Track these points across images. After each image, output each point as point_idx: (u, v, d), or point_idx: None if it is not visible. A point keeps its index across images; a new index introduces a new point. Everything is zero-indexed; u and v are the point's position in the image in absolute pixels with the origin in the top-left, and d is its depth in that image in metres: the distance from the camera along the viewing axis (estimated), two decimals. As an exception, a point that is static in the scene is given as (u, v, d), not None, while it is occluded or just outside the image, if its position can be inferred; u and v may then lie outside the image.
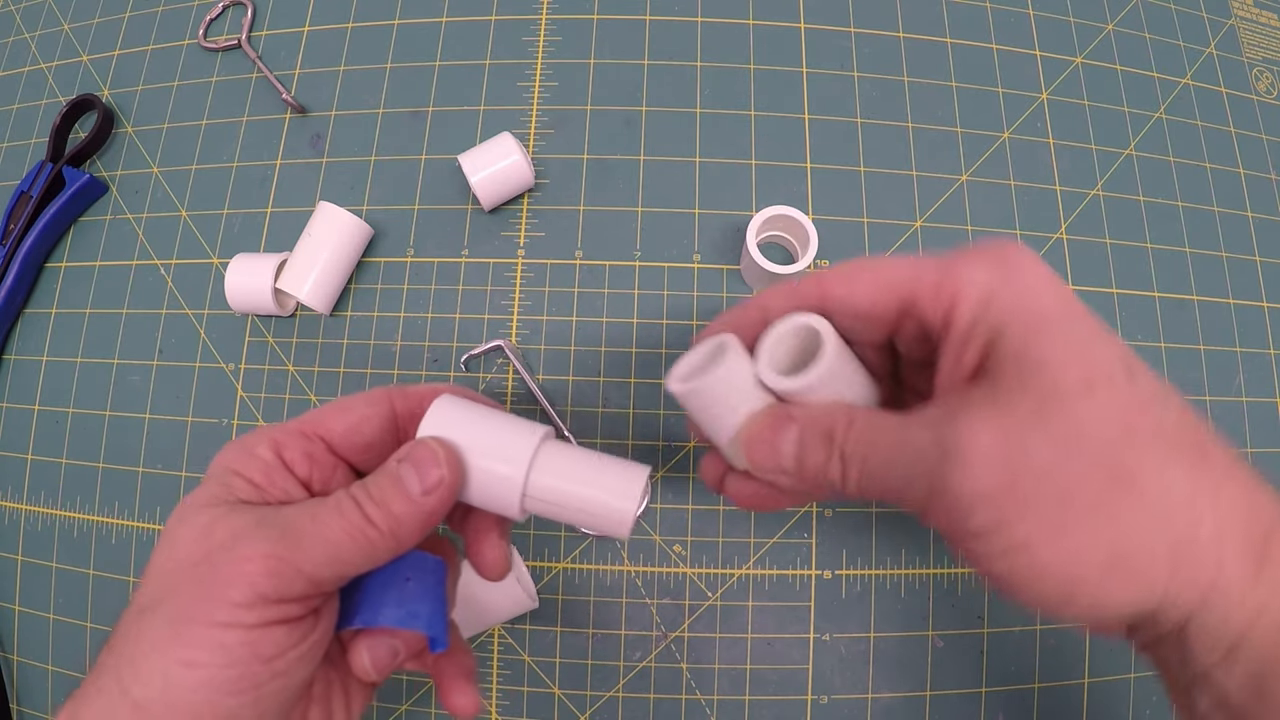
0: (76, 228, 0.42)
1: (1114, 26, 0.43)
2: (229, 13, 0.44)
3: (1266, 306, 0.40)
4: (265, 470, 0.22)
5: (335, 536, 0.20)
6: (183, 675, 0.19)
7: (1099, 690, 0.35)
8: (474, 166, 0.37)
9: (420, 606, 0.22)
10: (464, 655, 0.25)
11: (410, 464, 0.21)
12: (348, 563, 0.20)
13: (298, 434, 0.23)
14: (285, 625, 0.19)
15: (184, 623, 0.19)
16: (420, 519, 0.21)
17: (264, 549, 0.19)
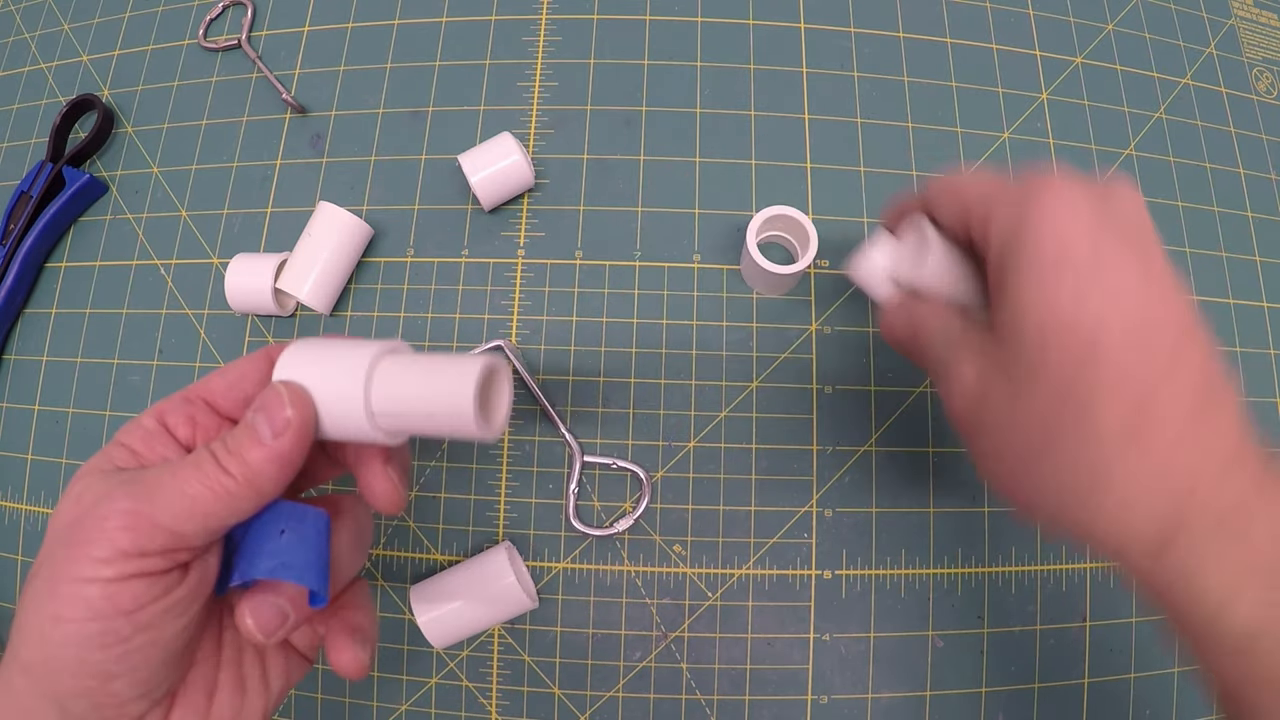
0: (76, 228, 0.42)
1: (1114, 26, 0.43)
2: (229, 13, 0.44)
3: (1266, 306, 0.40)
4: (145, 437, 0.23)
5: (193, 489, 0.20)
6: (53, 631, 0.19)
7: (1099, 690, 0.35)
8: (474, 166, 0.37)
9: (294, 557, 0.21)
10: (353, 612, 0.25)
11: (260, 411, 0.21)
12: (209, 514, 0.20)
13: (180, 400, 0.23)
14: (146, 579, 0.20)
15: (53, 581, 0.20)
16: (275, 464, 0.21)
17: (123, 505, 0.20)
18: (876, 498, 0.36)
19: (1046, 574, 0.36)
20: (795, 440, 0.36)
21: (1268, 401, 0.39)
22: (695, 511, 0.36)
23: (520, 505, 0.36)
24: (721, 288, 0.38)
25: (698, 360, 0.37)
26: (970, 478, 0.36)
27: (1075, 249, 0.21)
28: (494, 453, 0.37)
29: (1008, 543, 0.36)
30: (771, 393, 0.37)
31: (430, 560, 0.36)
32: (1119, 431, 0.20)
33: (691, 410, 0.37)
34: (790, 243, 0.37)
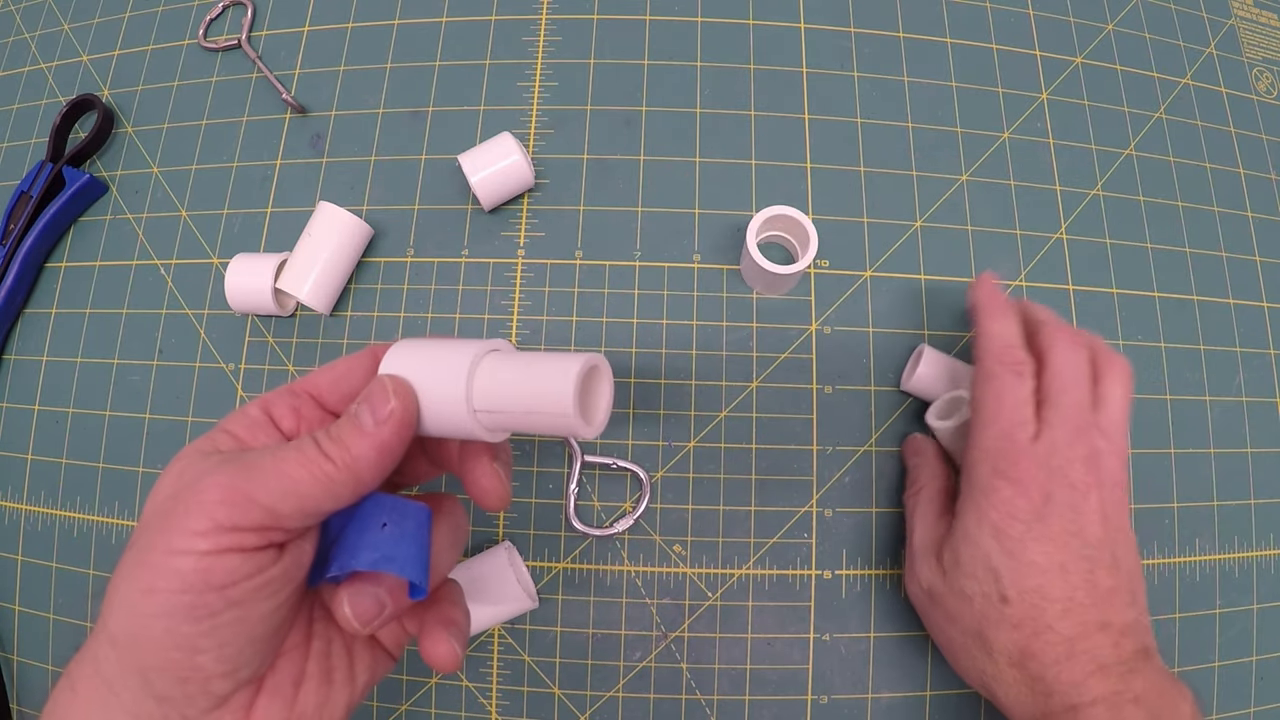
0: (76, 228, 0.42)
1: (1114, 26, 0.43)
2: (229, 13, 0.44)
3: (1266, 306, 0.40)
4: (249, 424, 0.23)
5: (292, 470, 0.20)
6: (143, 602, 0.19)
7: (1099, 690, 0.35)
8: (474, 166, 0.37)
9: (396, 550, 0.21)
10: (450, 608, 0.25)
11: (364, 402, 0.22)
12: (306, 496, 0.20)
13: (286, 393, 0.24)
14: (240, 554, 0.20)
15: (147, 551, 0.20)
16: (376, 451, 0.21)
17: (222, 480, 0.20)
18: (876, 498, 0.36)
19: (1046, 574, 0.36)
20: (795, 440, 0.36)
21: (1268, 402, 0.39)
22: (695, 511, 0.36)
23: (520, 505, 0.36)
24: (721, 288, 0.38)
25: (698, 360, 0.37)
26: (970, 478, 0.36)
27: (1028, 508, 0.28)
28: (494, 453, 0.37)
29: (1008, 543, 0.36)
30: (771, 393, 0.37)
31: (430, 560, 0.36)
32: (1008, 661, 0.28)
33: (691, 410, 0.37)
34: (790, 243, 0.37)
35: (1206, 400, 0.38)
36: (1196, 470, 0.37)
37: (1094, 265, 0.39)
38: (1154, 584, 0.36)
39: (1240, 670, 0.36)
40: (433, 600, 0.25)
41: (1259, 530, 0.37)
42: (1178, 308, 0.39)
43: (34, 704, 0.37)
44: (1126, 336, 0.38)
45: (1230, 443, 0.38)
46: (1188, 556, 0.37)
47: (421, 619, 0.25)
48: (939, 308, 0.38)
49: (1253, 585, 0.37)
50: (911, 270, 0.38)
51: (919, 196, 0.39)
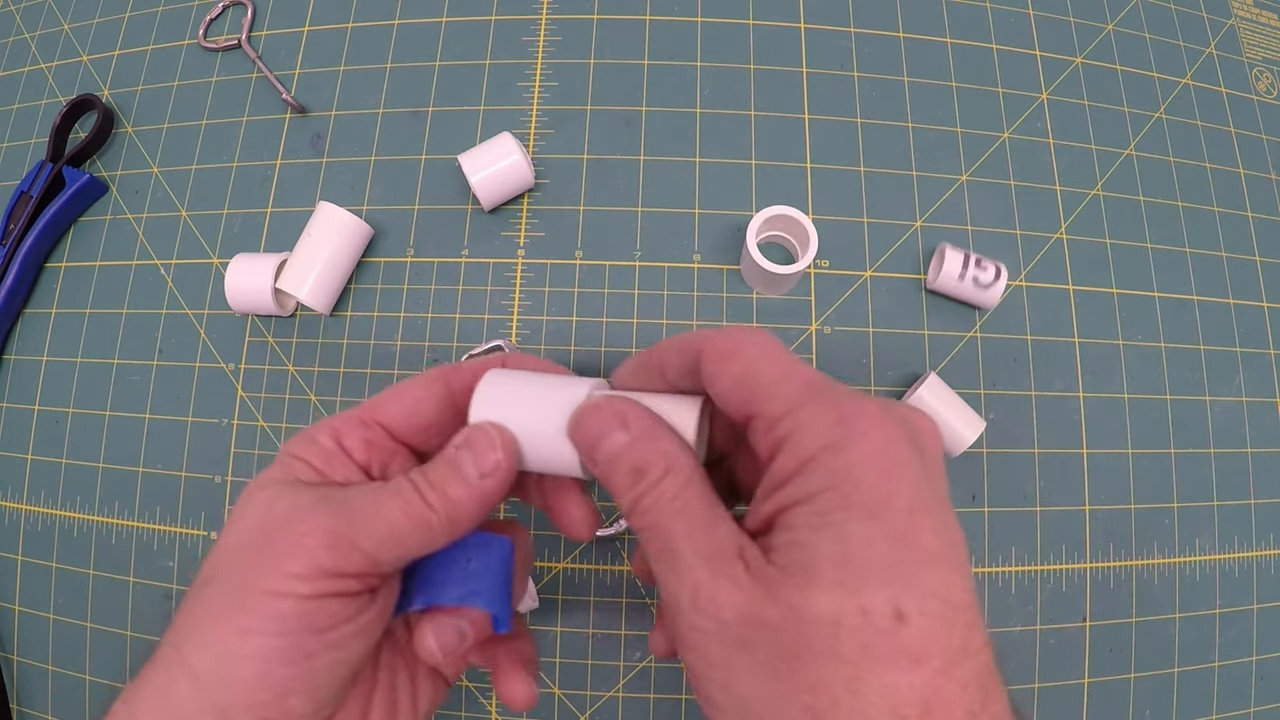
0: (76, 228, 0.42)
1: (1114, 26, 0.43)
2: (229, 13, 0.44)
3: (1266, 306, 0.40)
4: (325, 456, 0.22)
5: (394, 517, 0.20)
6: (238, 643, 0.19)
7: (1099, 690, 0.35)
8: (474, 166, 0.37)
9: (481, 585, 0.22)
10: (524, 644, 0.25)
11: (467, 450, 0.21)
12: (406, 544, 0.20)
13: (356, 421, 0.23)
14: (340, 599, 0.19)
15: (242, 592, 0.19)
16: (477, 503, 0.21)
17: (324, 523, 0.19)
18: (876, 498, 0.36)
19: (1046, 574, 0.36)
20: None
21: (1268, 402, 0.39)
22: (695, 511, 0.36)
23: (520, 505, 0.36)
24: (721, 288, 0.38)
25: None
26: (969, 478, 0.36)
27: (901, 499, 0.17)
28: (494, 453, 0.37)
29: (1008, 543, 0.36)
30: (771, 393, 0.37)
31: (430, 560, 0.36)
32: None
33: (691, 410, 0.37)
34: (790, 243, 0.37)
35: (1206, 400, 0.38)
36: (1196, 470, 0.37)
37: (1094, 265, 0.39)
38: (1154, 584, 0.36)
39: (1240, 670, 0.36)
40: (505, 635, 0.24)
41: (1259, 530, 0.37)
42: (1178, 308, 0.39)
43: (34, 704, 0.37)
44: (1126, 336, 0.38)
45: (1230, 443, 0.38)
46: (1188, 556, 0.37)
47: (493, 653, 0.24)
48: (939, 308, 0.38)
49: (1253, 585, 0.37)
50: (911, 270, 0.38)
51: (919, 196, 0.39)
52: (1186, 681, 0.35)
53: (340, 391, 0.38)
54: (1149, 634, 0.36)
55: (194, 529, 0.37)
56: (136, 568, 0.37)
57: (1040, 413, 0.37)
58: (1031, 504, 0.36)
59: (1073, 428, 0.37)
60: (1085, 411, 0.37)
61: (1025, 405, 0.37)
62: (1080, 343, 0.38)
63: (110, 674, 0.37)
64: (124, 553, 0.37)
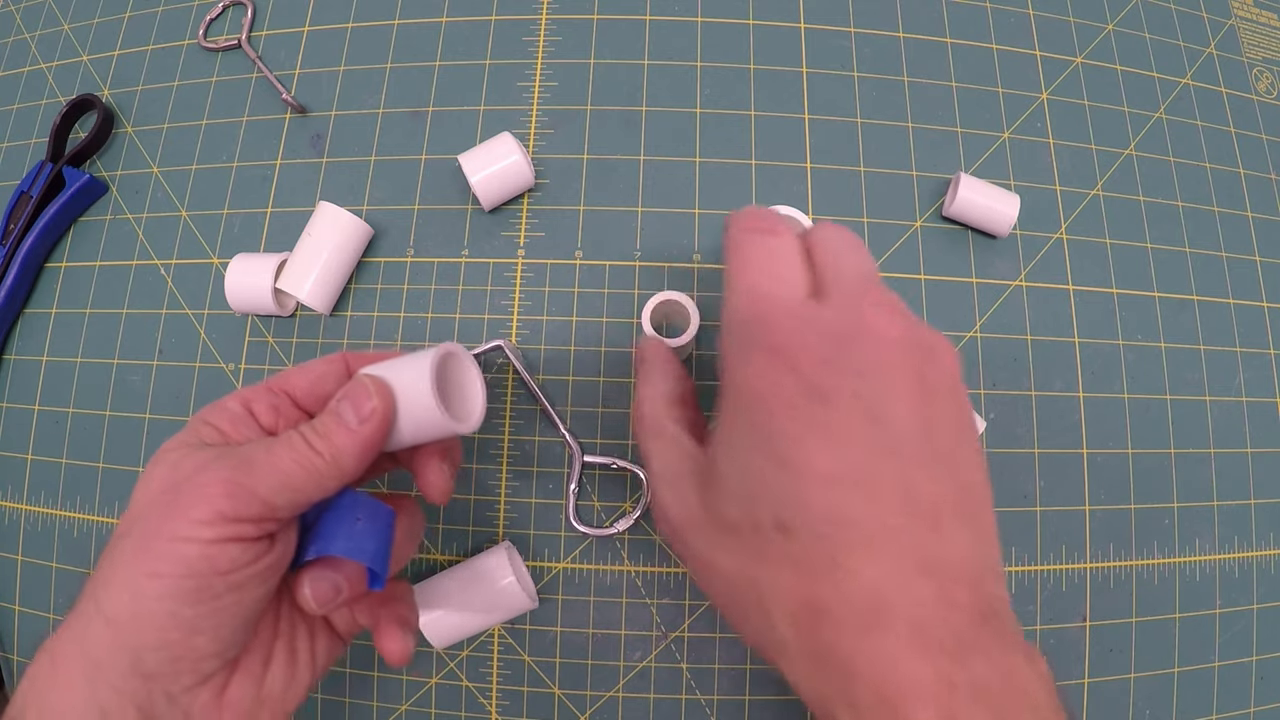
0: (76, 228, 0.42)
1: (1114, 26, 0.43)
2: (229, 13, 0.44)
3: (1266, 306, 0.40)
4: (232, 419, 0.25)
5: (286, 465, 0.22)
6: (147, 586, 0.21)
7: (1099, 690, 0.35)
8: (474, 166, 0.37)
9: (366, 543, 0.24)
10: (402, 606, 0.27)
11: (347, 400, 0.24)
12: (298, 489, 0.23)
13: (264, 390, 0.26)
14: (240, 543, 0.21)
15: (149, 539, 0.21)
16: (359, 446, 0.23)
17: (223, 474, 0.22)
18: (876, 498, 0.36)
19: (1046, 574, 0.36)
20: (795, 440, 0.36)
21: (1268, 402, 0.39)
22: (695, 511, 0.36)
23: (520, 505, 0.36)
24: (722, 288, 0.38)
25: (698, 360, 0.37)
26: (970, 478, 0.36)
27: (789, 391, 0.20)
28: (494, 453, 0.37)
29: (1008, 543, 0.36)
30: (771, 393, 0.37)
31: (430, 560, 0.36)
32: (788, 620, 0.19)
33: (691, 410, 0.37)
34: (790, 243, 0.37)
35: (1206, 400, 0.38)
36: (1196, 470, 0.37)
37: (1094, 265, 0.39)
38: (1154, 584, 0.36)
39: (1240, 670, 0.36)
40: (387, 597, 0.27)
41: (1259, 530, 0.37)
42: (1178, 308, 0.39)
43: (34, 704, 0.37)
44: (1126, 336, 0.38)
45: (1230, 443, 0.38)
46: (1188, 556, 0.37)
47: (376, 614, 0.27)
48: (940, 308, 0.38)
49: (1253, 585, 0.37)
50: (911, 270, 0.38)
51: (919, 196, 0.39)
52: (1186, 681, 0.35)
53: (340, 391, 0.38)
54: (1149, 634, 0.36)
55: (194, 529, 0.37)
56: (136, 568, 0.37)
57: (1040, 413, 0.37)
58: (1031, 504, 0.36)
59: (1073, 428, 0.37)
60: (1085, 411, 0.37)
61: (1025, 405, 0.37)
62: (1080, 343, 0.38)
63: (110, 674, 0.37)
64: (124, 553, 0.37)
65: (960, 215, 0.38)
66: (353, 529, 0.24)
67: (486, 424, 0.37)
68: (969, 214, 0.38)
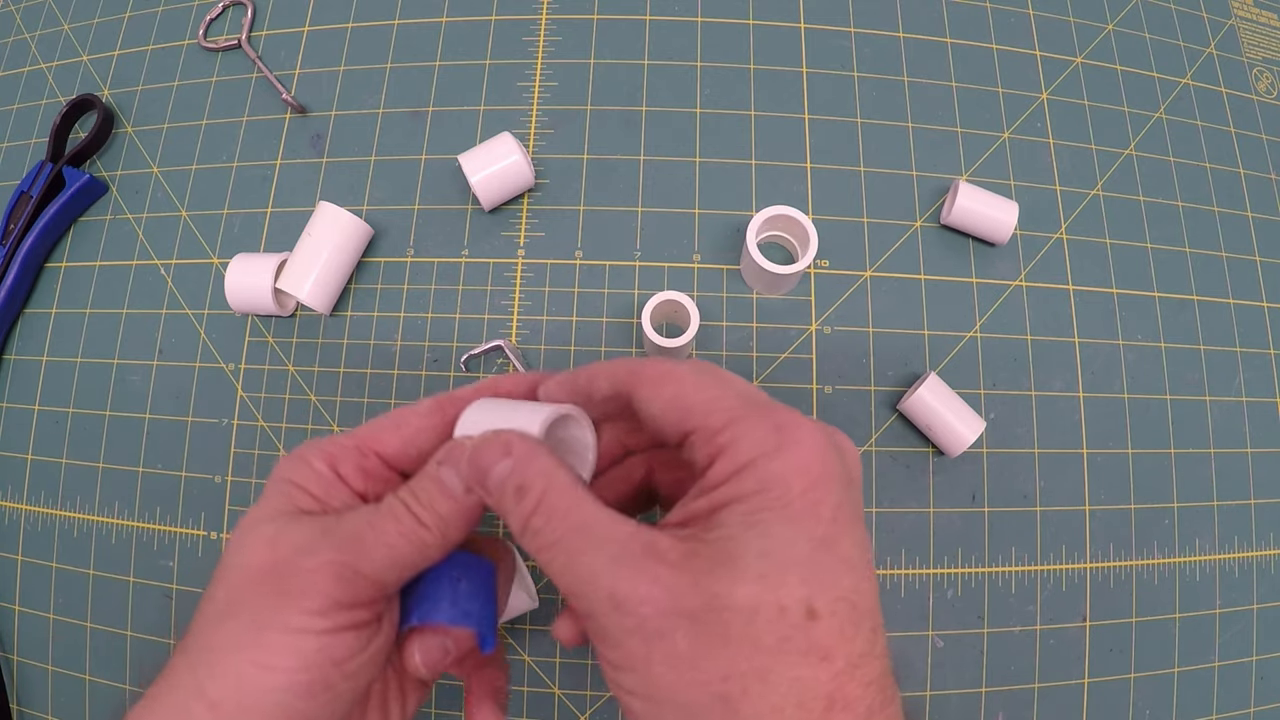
0: (76, 228, 0.42)
1: (1114, 26, 0.43)
2: (229, 13, 0.44)
3: (1266, 306, 0.40)
4: (321, 483, 0.23)
5: (392, 540, 0.21)
6: (259, 677, 0.19)
7: (1099, 690, 0.35)
8: (474, 166, 0.37)
9: (472, 605, 0.22)
10: (499, 675, 0.26)
11: (449, 465, 0.22)
12: (406, 564, 0.21)
13: (353, 449, 0.23)
14: (355, 630, 0.20)
15: (261, 628, 0.20)
16: (464, 517, 0.22)
17: (331, 556, 0.20)
18: (876, 498, 0.36)
19: (1046, 574, 0.36)
20: (795, 440, 0.36)
21: (1268, 402, 0.39)
22: (695, 511, 0.36)
23: (520, 505, 0.36)
24: (721, 288, 0.38)
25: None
26: (969, 478, 0.36)
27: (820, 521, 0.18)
28: (494, 453, 0.37)
29: (1008, 543, 0.36)
30: (771, 393, 0.37)
31: (430, 560, 0.36)
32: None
33: (691, 410, 0.37)
34: (790, 243, 0.37)
35: (1206, 400, 0.38)
36: (1196, 470, 0.37)
37: (1094, 265, 0.39)
38: (1154, 584, 0.36)
39: (1240, 670, 0.36)
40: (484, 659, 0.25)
41: (1259, 530, 0.37)
42: (1178, 308, 0.39)
43: (34, 704, 0.37)
44: (1126, 336, 0.38)
45: (1230, 443, 0.38)
46: (1188, 556, 0.37)
47: (469, 671, 0.25)
48: (940, 308, 0.38)
49: (1253, 585, 0.37)
50: (911, 270, 0.38)
51: (919, 196, 0.39)
52: (1186, 681, 0.35)
53: (340, 392, 0.38)
54: (1149, 634, 0.36)
55: (194, 529, 0.37)
56: (136, 568, 0.37)
57: (1040, 413, 0.37)
58: (1031, 504, 0.36)
59: (1073, 428, 0.37)
60: (1085, 411, 0.37)
61: (1025, 405, 0.37)
62: (1080, 343, 0.38)
63: (110, 674, 0.37)
64: (124, 553, 0.37)
65: (959, 223, 0.38)
66: (456, 591, 0.22)
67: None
68: (967, 222, 0.38)
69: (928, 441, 0.36)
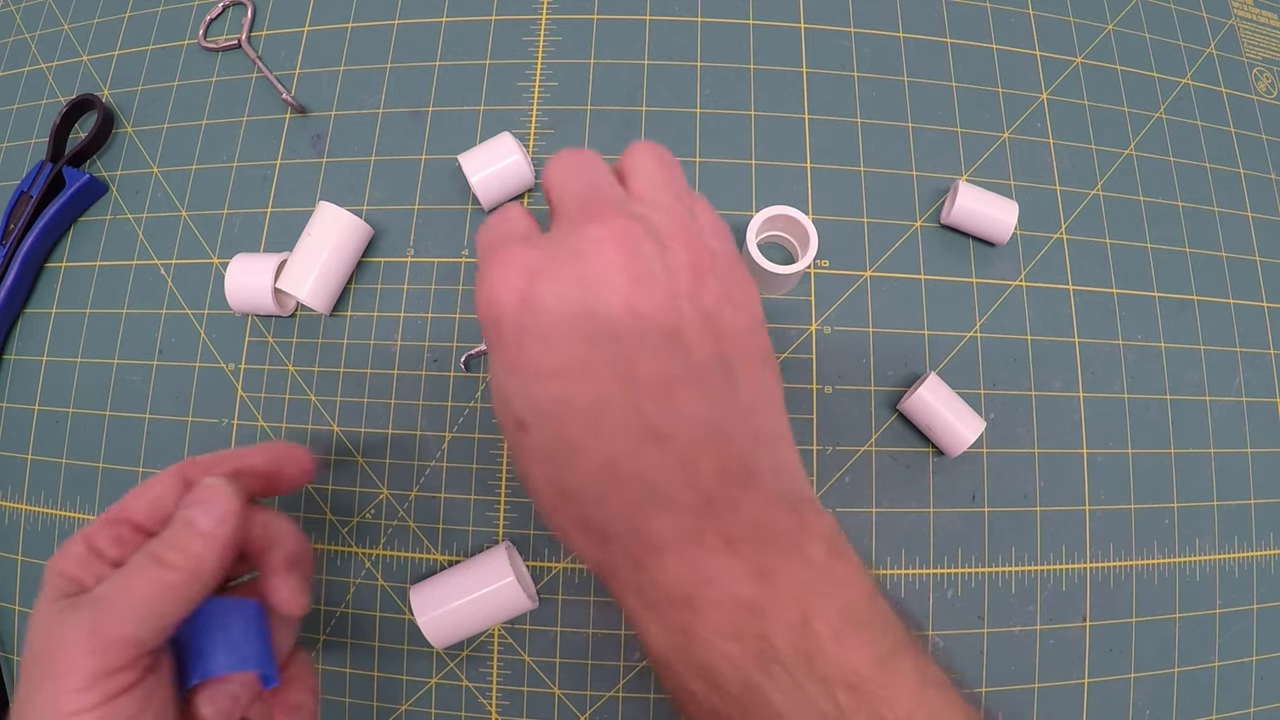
0: (76, 228, 0.42)
1: (1114, 26, 0.43)
2: (229, 13, 0.44)
3: (1266, 306, 0.40)
4: (80, 562, 0.23)
5: (141, 593, 0.21)
6: None
7: (1099, 690, 0.35)
8: (474, 166, 0.37)
9: (248, 649, 0.23)
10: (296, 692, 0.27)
11: (198, 506, 0.23)
12: (160, 614, 0.22)
13: (103, 524, 0.24)
14: (127, 694, 0.20)
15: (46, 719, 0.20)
16: (217, 552, 0.23)
17: (81, 629, 0.20)
18: (876, 498, 0.36)
19: (1046, 574, 0.36)
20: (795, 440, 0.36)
21: (1268, 402, 0.39)
22: (695, 511, 0.36)
23: (520, 505, 0.36)
24: (721, 288, 0.38)
25: (698, 360, 0.37)
26: (969, 478, 0.36)
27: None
28: (494, 453, 0.37)
29: (1008, 543, 0.36)
30: (771, 393, 0.37)
31: (430, 560, 0.36)
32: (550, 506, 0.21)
33: (691, 410, 0.37)
34: (790, 243, 0.37)
35: (1206, 400, 0.38)
36: (1196, 470, 0.37)
37: (1094, 265, 0.39)
38: (1154, 584, 0.36)
39: (1240, 670, 0.36)
40: (280, 685, 0.26)
41: (1259, 530, 0.37)
42: (1178, 308, 0.39)
43: (34, 704, 0.37)
44: (1126, 336, 0.38)
45: (1230, 443, 0.38)
46: (1188, 556, 0.37)
47: (269, 702, 0.26)
48: (940, 308, 0.38)
49: (1253, 585, 0.37)
50: (911, 270, 0.38)
51: (919, 196, 0.39)
52: (1186, 681, 0.35)
53: (340, 392, 0.38)
54: (1149, 634, 0.36)
55: (194, 529, 0.37)
56: (136, 568, 0.37)
57: (1040, 413, 0.37)
58: (1031, 504, 0.36)
59: (1073, 428, 0.37)
60: (1085, 411, 0.37)
61: (1025, 405, 0.37)
62: (1080, 343, 0.38)
63: (110, 674, 0.37)
64: (124, 553, 0.37)
65: (959, 223, 0.38)
66: (229, 639, 0.23)
67: (487, 424, 0.37)
68: (967, 222, 0.38)
69: (928, 441, 0.36)
